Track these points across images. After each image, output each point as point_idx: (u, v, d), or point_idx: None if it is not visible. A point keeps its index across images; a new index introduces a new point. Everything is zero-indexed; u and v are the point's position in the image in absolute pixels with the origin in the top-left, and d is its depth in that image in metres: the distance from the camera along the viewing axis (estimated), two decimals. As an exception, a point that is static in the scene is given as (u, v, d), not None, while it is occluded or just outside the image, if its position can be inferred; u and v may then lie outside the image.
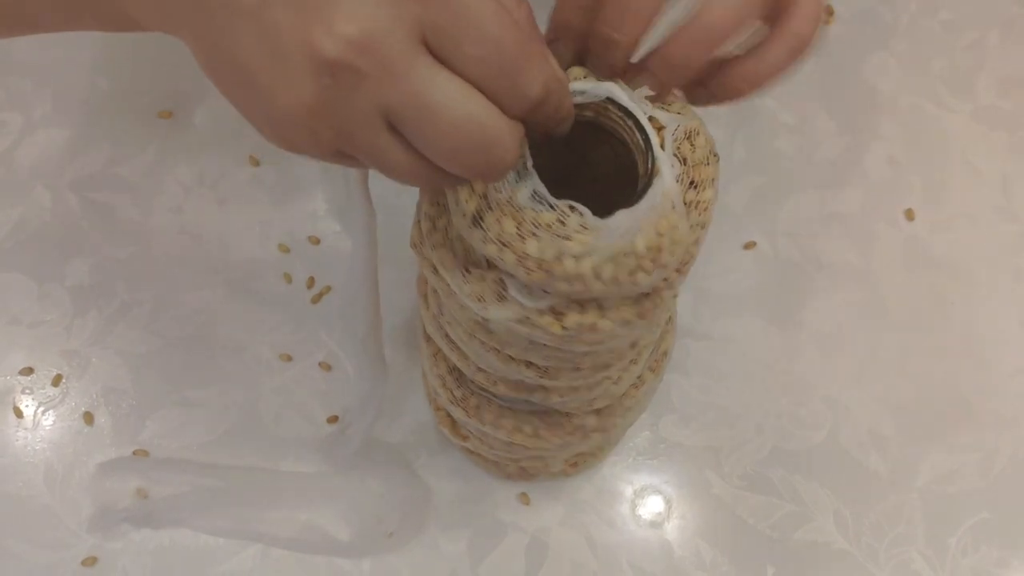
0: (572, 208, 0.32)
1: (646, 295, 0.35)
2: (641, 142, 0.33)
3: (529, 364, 0.40)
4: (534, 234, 0.32)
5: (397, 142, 0.29)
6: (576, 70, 0.35)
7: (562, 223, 0.32)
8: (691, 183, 0.35)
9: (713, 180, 0.35)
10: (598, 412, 0.46)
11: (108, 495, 0.54)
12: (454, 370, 0.46)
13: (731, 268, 0.61)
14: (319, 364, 0.58)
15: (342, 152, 0.31)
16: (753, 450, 0.56)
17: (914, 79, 0.66)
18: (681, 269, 0.36)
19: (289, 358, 0.58)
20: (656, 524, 0.55)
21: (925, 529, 0.55)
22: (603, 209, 0.33)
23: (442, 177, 0.31)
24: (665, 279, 0.35)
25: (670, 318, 0.47)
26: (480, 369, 0.42)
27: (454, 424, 0.50)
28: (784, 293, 0.60)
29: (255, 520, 0.54)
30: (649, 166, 0.33)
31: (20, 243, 0.60)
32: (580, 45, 0.35)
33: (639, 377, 0.45)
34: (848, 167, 0.64)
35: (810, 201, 0.63)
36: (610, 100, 0.34)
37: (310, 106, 0.29)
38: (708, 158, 0.35)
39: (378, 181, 0.41)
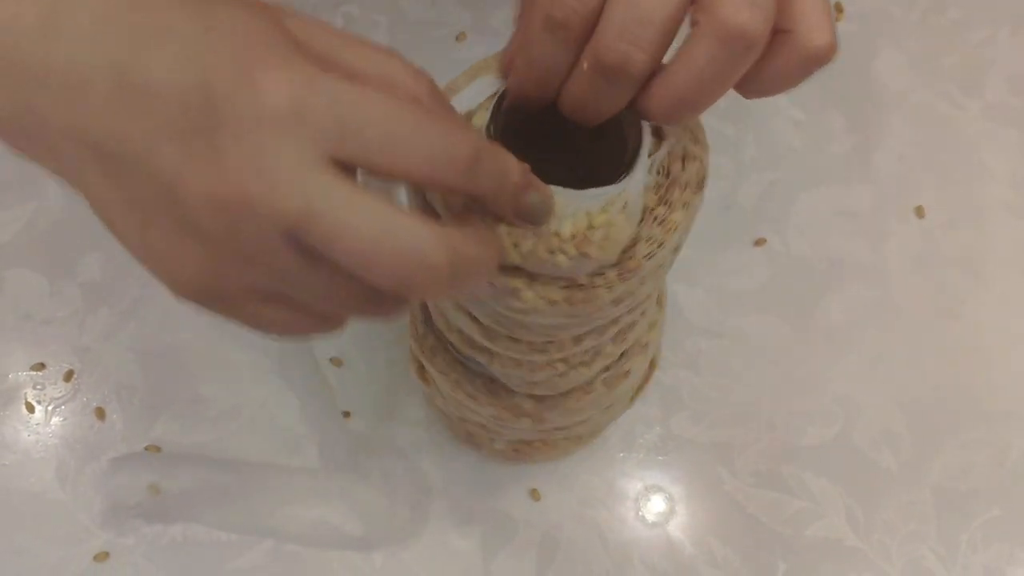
0: None
1: (580, 285, 0.35)
2: (632, 140, 0.33)
3: (472, 318, 0.40)
4: None
5: (312, 263, 0.28)
6: None
7: None
8: (663, 199, 0.34)
9: (687, 206, 0.34)
10: (537, 399, 0.46)
11: (120, 491, 0.54)
12: (424, 308, 0.46)
13: (742, 265, 0.61)
14: (331, 360, 0.58)
15: (263, 294, 0.29)
16: (764, 447, 0.56)
17: (924, 76, 0.66)
18: (623, 275, 0.35)
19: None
20: (667, 521, 0.55)
21: (937, 526, 0.55)
22: (575, 179, 0.32)
23: (371, 303, 0.29)
24: (601, 275, 0.34)
25: (647, 344, 0.46)
26: (440, 314, 0.43)
27: (421, 365, 0.50)
28: (795, 290, 0.60)
29: (267, 516, 0.54)
30: (627, 162, 0.33)
31: (32, 239, 0.60)
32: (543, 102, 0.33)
33: (589, 384, 0.45)
34: (858, 164, 0.64)
35: (821, 198, 0.63)
36: None
37: (218, 246, 0.28)
38: (693, 185, 0.34)
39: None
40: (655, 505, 0.55)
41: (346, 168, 0.27)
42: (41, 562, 0.53)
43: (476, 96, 0.34)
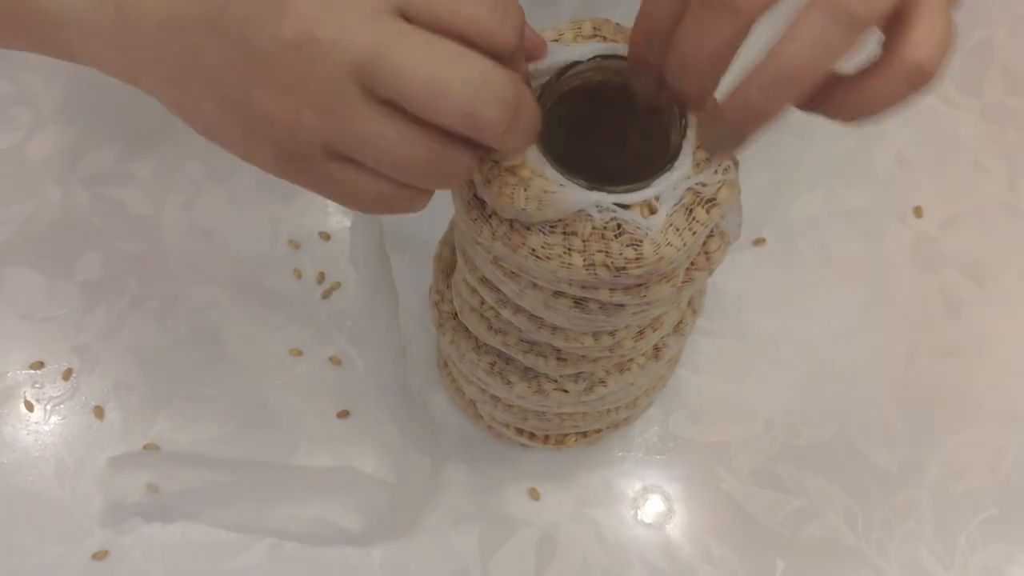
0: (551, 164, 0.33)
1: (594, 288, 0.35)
2: (674, 145, 0.33)
3: (487, 283, 0.40)
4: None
5: (385, 115, 0.29)
6: None
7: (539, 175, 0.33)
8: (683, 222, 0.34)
9: (696, 234, 0.34)
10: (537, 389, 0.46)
11: (119, 489, 0.54)
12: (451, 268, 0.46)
13: (740, 265, 0.61)
14: (329, 359, 0.58)
15: (334, 154, 0.30)
16: (763, 446, 0.57)
17: (923, 77, 0.66)
18: (640, 290, 0.35)
19: (299, 353, 0.58)
20: (666, 520, 0.55)
21: (935, 525, 0.55)
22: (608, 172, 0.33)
23: (450, 160, 0.30)
24: (610, 290, 0.35)
25: (636, 366, 0.46)
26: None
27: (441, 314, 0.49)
28: (793, 290, 0.60)
29: (266, 515, 0.54)
30: (661, 165, 0.33)
31: (31, 238, 0.60)
32: (659, 74, 0.33)
33: (582, 394, 0.45)
34: (857, 164, 0.64)
35: (819, 198, 0.63)
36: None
37: (287, 91, 0.29)
38: (711, 227, 0.35)
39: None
40: (653, 504, 0.55)
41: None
42: (40, 561, 0.53)
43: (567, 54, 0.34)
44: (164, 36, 0.30)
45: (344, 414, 0.57)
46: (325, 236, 0.61)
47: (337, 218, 0.62)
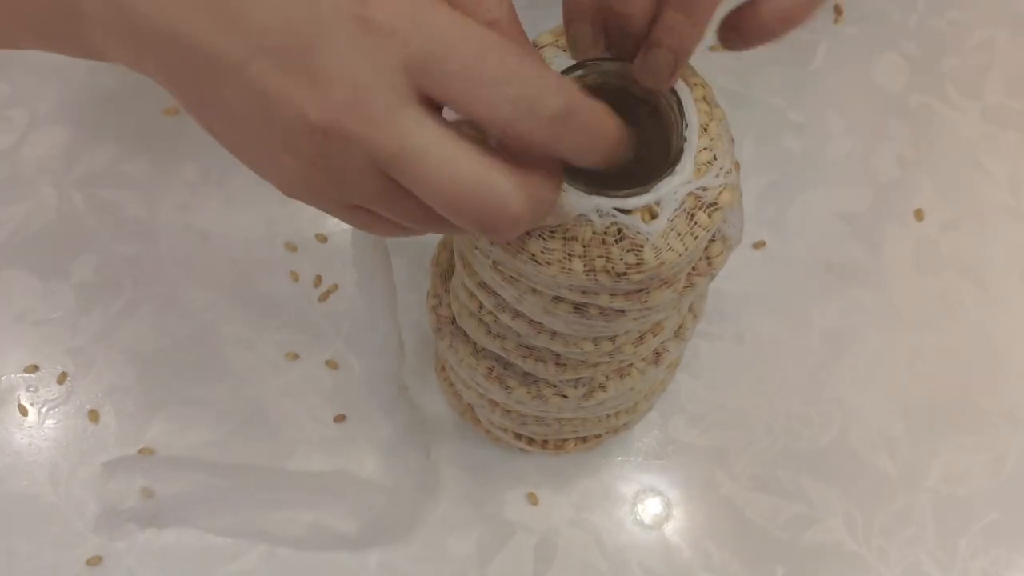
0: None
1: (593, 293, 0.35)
2: (675, 149, 0.33)
3: (486, 288, 0.40)
4: None
5: (399, 190, 0.29)
6: None
7: None
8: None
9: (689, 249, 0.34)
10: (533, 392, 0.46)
11: (113, 494, 0.54)
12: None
13: (740, 268, 0.60)
14: (326, 363, 0.57)
15: (351, 205, 0.30)
16: (762, 451, 0.56)
17: (923, 79, 0.66)
18: (637, 294, 0.35)
19: (296, 356, 0.58)
20: (664, 525, 0.55)
21: (935, 531, 0.55)
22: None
23: (455, 226, 0.30)
24: (611, 296, 0.35)
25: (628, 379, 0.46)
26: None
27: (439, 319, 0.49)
28: (793, 293, 0.60)
29: (261, 520, 0.53)
30: (663, 169, 0.33)
31: (25, 240, 0.60)
32: (596, 23, 0.33)
33: (582, 399, 0.45)
34: (857, 167, 0.64)
35: (819, 201, 0.63)
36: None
37: (311, 164, 0.28)
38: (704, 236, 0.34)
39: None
40: (652, 509, 0.55)
41: (433, 104, 0.28)
42: (33, 566, 0.53)
43: None
44: (171, 51, 0.29)
45: (341, 418, 0.56)
46: (322, 238, 0.60)
47: (334, 220, 0.61)
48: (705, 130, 0.34)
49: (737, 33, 0.33)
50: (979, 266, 0.61)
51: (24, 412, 0.56)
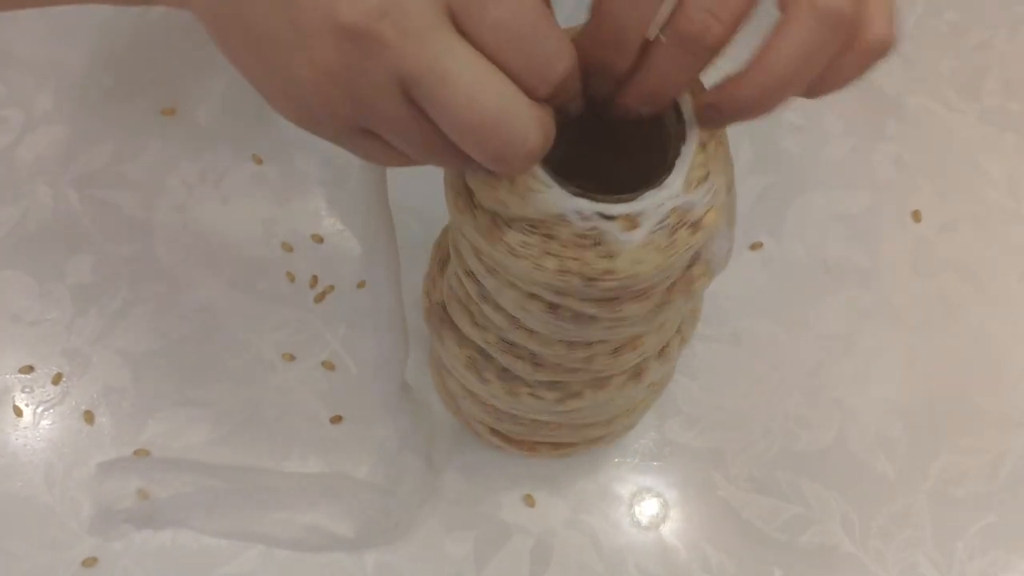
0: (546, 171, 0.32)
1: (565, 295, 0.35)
2: (671, 155, 0.33)
3: (472, 276, 0.40)
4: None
5: (416, 113, 0.28)
6: None
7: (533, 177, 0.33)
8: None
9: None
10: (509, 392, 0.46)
11: (109, 495, 0.54)
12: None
13: (738, 269, 0.60)
14: (322, 364, 0.57)
15: (358, 128, 0.30)
16: (760, 452, 0.56)
17: (921, 80, 0.66)
18: (609, 299, 0.34)
19: (292, 358, 0.57)
20: (661, 526, 0.54)
21: (933, 532, 0.55)
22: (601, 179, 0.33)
23: (462, 158, 0.30)
24: (587, 295, 0.34)
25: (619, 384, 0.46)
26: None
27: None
28: (791, 294, 0.60)
29: (258, 521, 0.53)
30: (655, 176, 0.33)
31: (21, 241, 0.60)
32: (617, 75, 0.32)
33: (555, 404, 0.45)
34: (855, 168, 0.64)
35: (817, 202, 0.63)
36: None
37: (329, 73, 0.28)
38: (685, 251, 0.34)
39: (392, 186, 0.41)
40: (649, 510, 0.55)
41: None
42: (28, 567, 0.52)
43: None
44: None
45: (337, 419, 0.56)
46: (318, 239, 0.60)
47: (330, 221, 0.61)
48: (704, 147, 0.33)
49: (716, 111, 0.33)
50: (977, 267, 0.61)
51: (19, 413, 0.56)
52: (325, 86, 0.28)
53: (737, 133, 0.63)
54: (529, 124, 0.28)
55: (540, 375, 0.42)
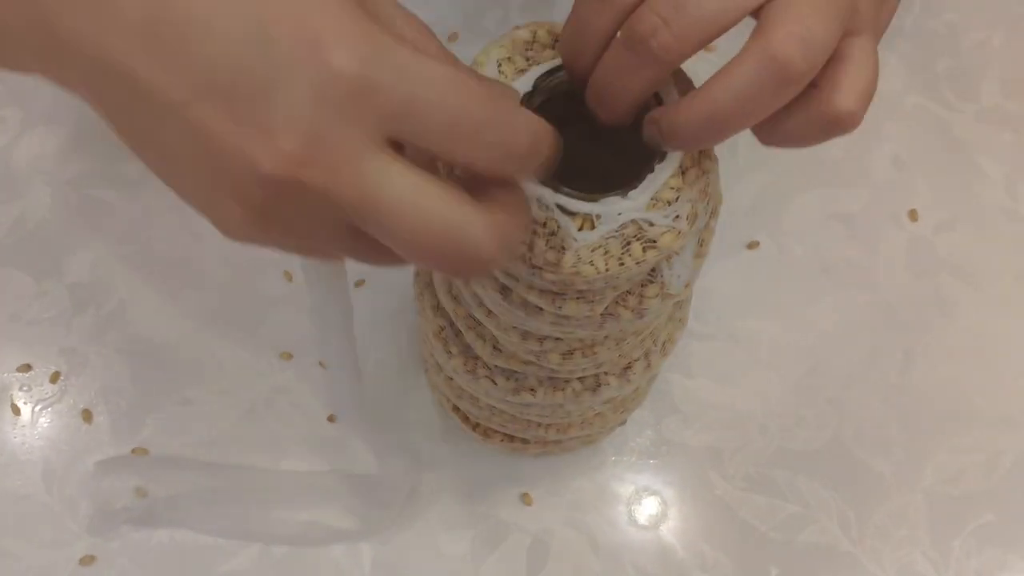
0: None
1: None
2: (657, 159, 0.33)
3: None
4: None
5: (359, 238, 0.27)
6: None
7: None
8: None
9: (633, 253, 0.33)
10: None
11: (107, 494, 0.54)
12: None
13: (735, 268, 0.60)
14: (319, 362, 0.57)
15: (311, 248, 0.29)
16: (756, 451, 0.56)
17: (918, 79, 0.66)
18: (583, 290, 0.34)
19: (289, 356, 0.57)
20: (659, 525, 0.55)
21: (929, 531, 0.55)
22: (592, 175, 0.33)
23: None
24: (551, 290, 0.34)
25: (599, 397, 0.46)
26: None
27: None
28: (788, 293, 0.60)
29: (255, 519, 0.53)
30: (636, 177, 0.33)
31: (19, 240, 0.60)
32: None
33: (509, 393, 0.45)
34: (852, 167, 0.64)
35: (814, 201, 0.63)
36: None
37: (262, 215, 0.26)
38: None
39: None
40: (646, 509, 0.55)
41: (397, 144, 0.26)
42: (26, 565, 0.53)
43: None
44: (101, 78, 0.26)
45: (334, 418, 0.56)
46: (316, 238, 0.60)
47: (328, 220, 0.61)
48: (683, 172, 0.33)
49: (658, 129, 0.32)
50: (974, 267, 0.61)
51: (17, 411, 0.56)
52: (259, 224, 0.26)
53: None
54: (479, 235, 0.26)
55: (498, 360, 0.42)
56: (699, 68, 0.34)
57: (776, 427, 0.57)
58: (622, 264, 0.33)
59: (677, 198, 0.33)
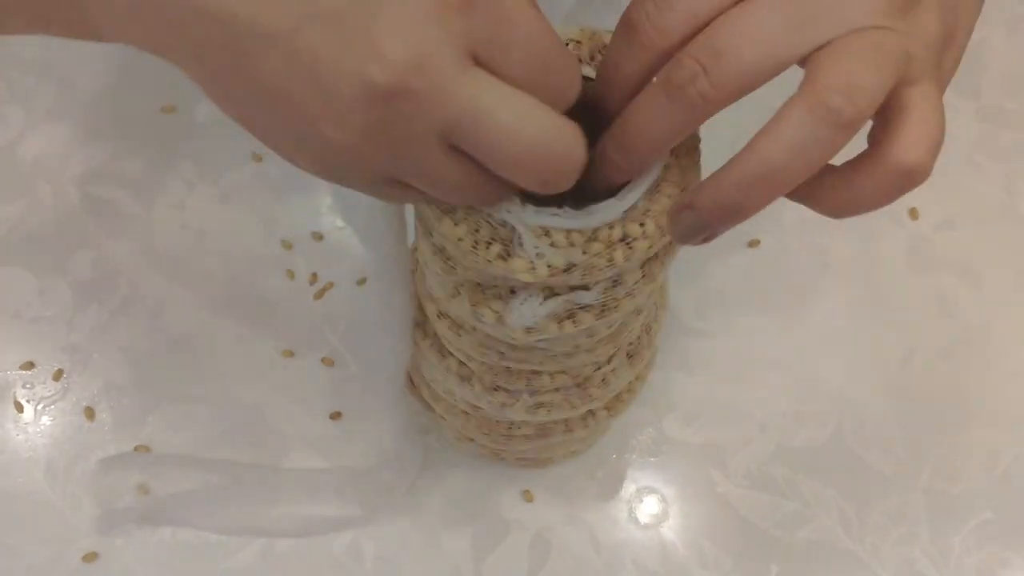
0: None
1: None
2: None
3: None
4: None
5: (453, 160, 0.28)
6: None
7: None
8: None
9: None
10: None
11: (109, 491, 0.54)
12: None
13: (735, 266, 0.61)
14: (321, 360, 0.58)
15: (392, 179, 0.29)
16: (757, 449, 0.56)
17: (919, 78, 0.66)
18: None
19: (291, 354, 0.58)
20: (659, 523, 0.55)
21: (929, 529, 0.55)
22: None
23: (499, 190, 0.30)
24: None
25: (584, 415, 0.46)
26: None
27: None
28: (788, 291, 0.60)
29: (258, 516, 0.53)
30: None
31: (22, 238, 0.60)
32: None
33: (459, 382, 0.45)
34: (852, 166, 0.64)
35: (814, 200, 0.63)
36: None
37: (364, 134, 0.27)
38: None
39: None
40: (647, 507, 0.55)
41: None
42: (29, 562, 0.53)
43: None
44: (194, 24, 0.27)
45: (337, 415, 0.56)
46: (318, 236, 0.61)
47: (330, 218, 0.61)
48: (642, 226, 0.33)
49: (692, 211, 0.29)
50: (974, 265, 0.61)
51: (20, 409, 0.56)
52: (360, 147, 0.27)
53: (734, 130, 0.64)
54: (571, 140, 0.28)
55: (460, 345, 0.42)
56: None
57: (776, 425, 0.57)
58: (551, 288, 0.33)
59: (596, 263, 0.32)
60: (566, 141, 0.28)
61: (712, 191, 0.28)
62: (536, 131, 0.27)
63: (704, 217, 0.28)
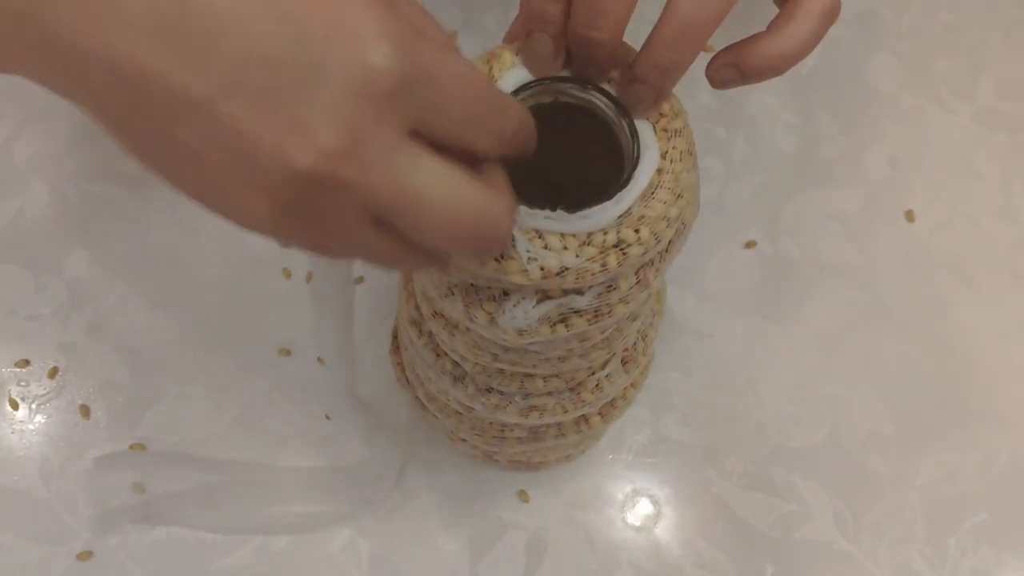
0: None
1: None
2: (628, 165, 0.33)
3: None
4: None
5: (382, 235, 0.27)
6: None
7: None
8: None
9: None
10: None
11: (104, 489, 0.54)
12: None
13: (731, 267, 0.61)
14: (318, 359, 0.57)
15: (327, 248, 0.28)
16: (753, 449, 0.56)
17: (915, 80, 0.66)
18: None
19: (288, 353, 0.58)
20: (655, 523, 0.55)
21: (925, 529, 0.55)
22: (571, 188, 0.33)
23: (429, 259, 0.29)
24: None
25: (577, 426, 0.46)
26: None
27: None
28: (785, 292, 0.60)
29: (253, 515, 0.53)
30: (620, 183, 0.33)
31: (17, 235, 0.60)
32: (559, 36, 0.32)
33: (453, 382, 0.44)
34: (849, 167, 0.64)
35: (811, 201, 0.63)
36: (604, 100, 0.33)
37: (289, 211, 0.25)
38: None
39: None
40: (643, 507, 0.55)
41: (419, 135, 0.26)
42: (24, 561, 0.53)
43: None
44: (106, 80, 0.24)
45: (331, 416, 0.56)
46: (315, 235, 0.60)
47: (327, 217, 0.61)
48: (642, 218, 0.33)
49: (737, 71, 0.34)
50: (970, 267, 0.61)
51: (15, 407, 0.56)
52: (284, 221, 0.26)
53: (732, 131, 0.64)
54: (501, 212, 0.28)
55: (454, 346, 0.42)
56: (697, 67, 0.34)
57: (773, 425, 0.57)
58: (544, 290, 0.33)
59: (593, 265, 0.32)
60: (493, 216, 0.28)
61: (649, 58, 0.32)
62: (468, 209, 0.27)
63: (650, 82, 0.32)
